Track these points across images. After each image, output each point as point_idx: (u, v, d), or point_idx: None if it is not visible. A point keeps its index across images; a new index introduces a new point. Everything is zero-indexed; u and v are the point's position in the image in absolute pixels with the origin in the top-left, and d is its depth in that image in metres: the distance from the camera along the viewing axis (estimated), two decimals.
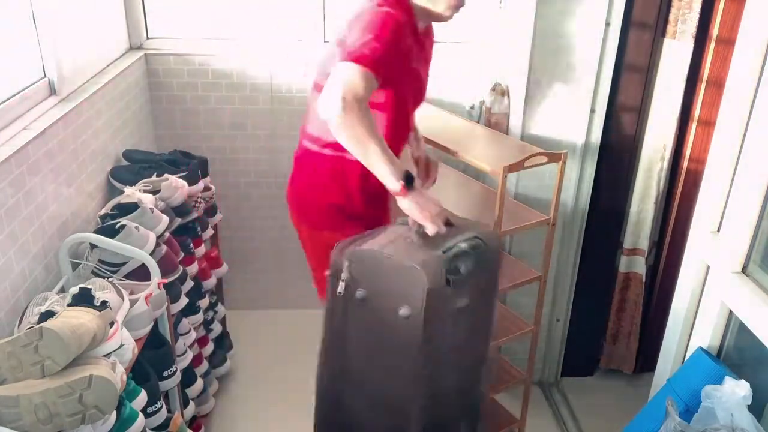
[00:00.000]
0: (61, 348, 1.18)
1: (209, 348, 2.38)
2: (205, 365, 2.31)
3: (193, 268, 2.16)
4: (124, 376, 1.35)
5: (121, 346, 1.38)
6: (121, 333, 1.41)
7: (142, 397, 1.51)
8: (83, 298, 1.38)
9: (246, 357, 2.77)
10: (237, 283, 3.02)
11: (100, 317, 1.29)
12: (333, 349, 1.65)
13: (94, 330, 1.24)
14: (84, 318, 1.26)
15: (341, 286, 1.53)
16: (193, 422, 2.16)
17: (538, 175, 2.22)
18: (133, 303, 1.57)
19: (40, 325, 1.20)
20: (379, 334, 1.55)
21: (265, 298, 2.00)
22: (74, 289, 1.39)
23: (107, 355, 1.31)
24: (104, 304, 1.40)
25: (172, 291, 1.89)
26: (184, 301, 2.00)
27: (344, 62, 1.50)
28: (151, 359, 1.69)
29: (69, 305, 1.35)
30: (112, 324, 1.36)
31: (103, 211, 1.94)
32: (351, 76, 1.48)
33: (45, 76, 1.91)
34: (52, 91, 1.93)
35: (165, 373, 1.74)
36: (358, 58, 1.49)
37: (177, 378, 1.79)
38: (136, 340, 1.52)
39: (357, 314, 1.55)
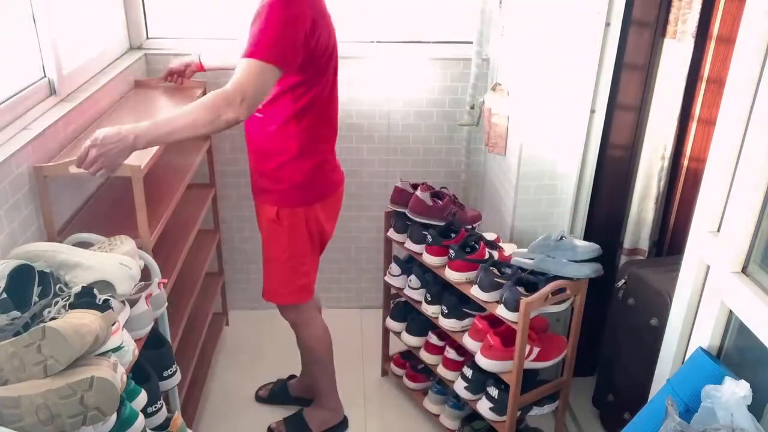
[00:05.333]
0: (64, 347, 1.18)
1: None
2: None
3: None
4: (125, 377, 1.35)
5: (121, 347, 1.38)
6: (122, 332, 1.41)
7: (142, 397, 1.51)
8: (85, 296, 1.38)
9: (246, 356, 2.77)
10: (237, 283, 3.03)
11: (103, 318, 1.29)
12: None
13: (96, 330, 1.24)
14: (86, 318, 1.26)
15: None
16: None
17: None
18: (133, 303, 1.56)
19: (43, 324, 1.20)
20: None
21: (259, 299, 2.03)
22: (76, 288, 1.39)
23: (107, 353, 1.31)
24: (106, 302, 1.40)
25: None
26: None
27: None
28: (151, 359, 1.69)
29: (71, 304, 1.35)
30: (113, 324, 1.35)
31: None
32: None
33: (45, 76, 1.91)
34: (52, 91, 1.93)
35: (165, 373, 1.74)
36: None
37: (177, 378, 1.79)
38: (136, 340, 1.52)
39: None
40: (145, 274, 1.73)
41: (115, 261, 1.52)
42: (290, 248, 2.04)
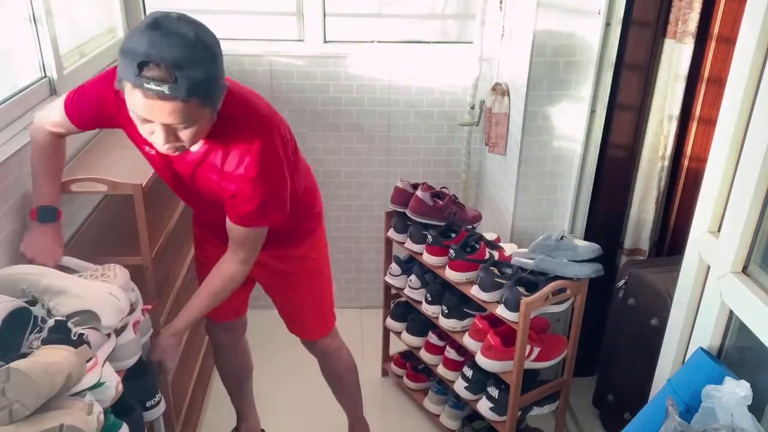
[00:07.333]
0: (31, 390, 1.07)
1: None
2: None
3: None
4: (102, 416, 1.23)
5: (102, 384, 1.28)
6: (101, 368, 1.30)
7: (123, 430, 1.38)
8: (59, 332, 1.27)
9: None
10: None
11: (76, 354, 1.18)
12: None
13: (68, 368, 1.14)
14: (57, 356, 1.16)
15: None
16: None
17: None
18: (120, 331, 1.47)
19: (7, 365, 1.08)
20: None
21: (266, 298, 2.02)
22: (50, 323, 1.29)
23: (82, 393, 1.21)
24: (81, 337, 1.29)
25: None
26: None
27: None
28: (134, 389, 1.57)
29: (44, 340, 1.24)
30: (89, 360, 1.25)
31: None
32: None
33: (45, 76, 1.91)
34: (52, 91, 1.93)
35: (148, 404, 1.66)
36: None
37: (161, 408, 1.70)
38: (121, 372, 1.45)
39: None
40: None
41: (103, 291, 1.43)
42: (327, 269, 1.98)
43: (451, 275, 2.11)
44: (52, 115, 1.58)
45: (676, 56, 2.10)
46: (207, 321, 2.08)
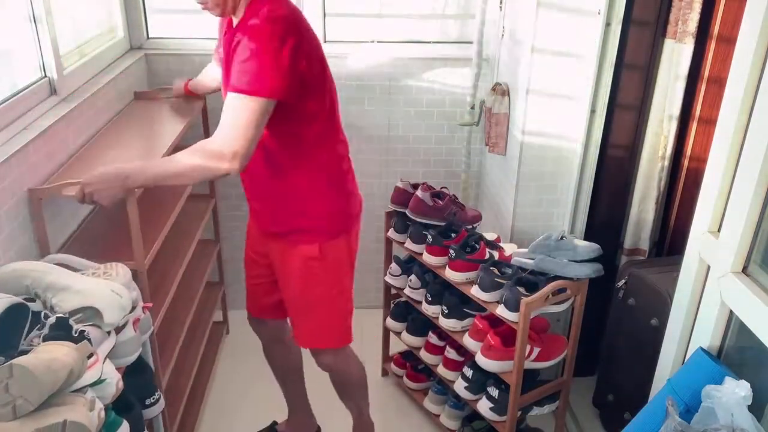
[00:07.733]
0: (35, 386, 1.08)
1: None
2: None
3: None
4: (102, 413, 1.24)
5: (103, 380, 1.28)
6: (102, 365, 1.30)
7: (124, 427, 1.40)
8: (60, 328, 1.27)
9: (246, 356, 2.77)
10: (237, 283, 3.02)
11: (77, 350, 1.19)
12: None
13: (70, 364, 1.15)
14: (59, 352, 1.16)
15: None
16: None
17: None
18: (120, 329, 1.48)
19: (10, 362, 1.09)
20: None
21: None
22: (51, 319, 1.29)
23: (83, 389, 1.21)
24: (82, 333, 1.29)
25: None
26: None
27: None
28: (133, 387, 1.58)
29: (44, 336, 1.25)
30: (90, 356, 1.25)
31: None
32: None
33: (45, 76, 1.91)
34: (52, 91, 1.93)
35: (147, 401, 1.66)
36: None
37: (160, 406, 1.71)
38: (121, 369, 1.45)
39: None
40: None
41: (106, 288, 1.43)
42: (338, 284, 1.90)
43: (451, 275, 2.11)
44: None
45: (676, 56, 2.10)
46: (248, 317, 2.19)
